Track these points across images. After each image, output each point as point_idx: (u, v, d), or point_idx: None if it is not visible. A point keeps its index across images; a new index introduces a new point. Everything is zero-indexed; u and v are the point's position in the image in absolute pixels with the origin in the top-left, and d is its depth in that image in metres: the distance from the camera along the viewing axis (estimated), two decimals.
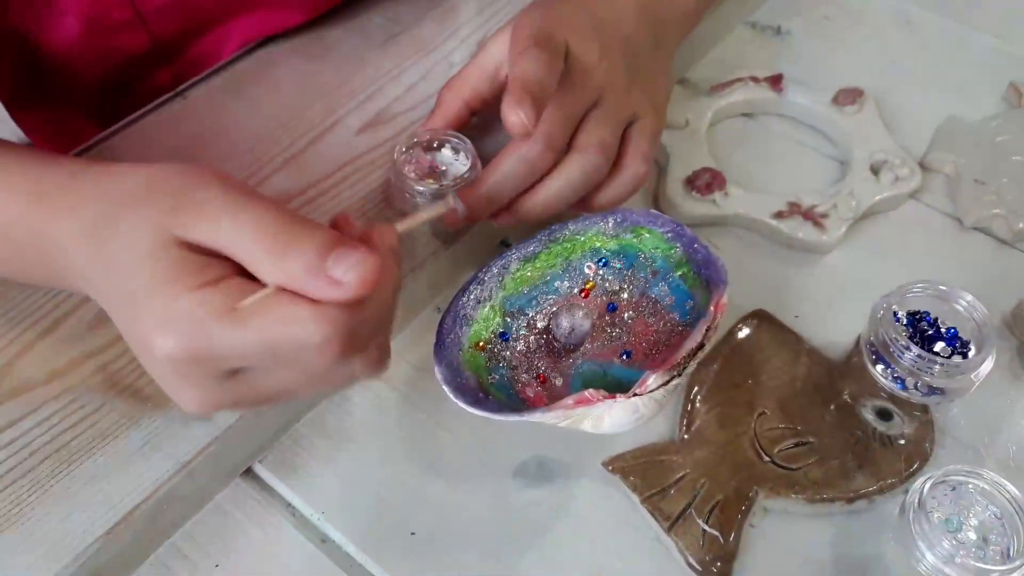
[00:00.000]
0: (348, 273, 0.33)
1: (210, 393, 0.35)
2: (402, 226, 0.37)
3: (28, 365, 0.45)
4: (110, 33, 0.59)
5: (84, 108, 0.57)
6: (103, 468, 0.42)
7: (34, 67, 0.61)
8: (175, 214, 0.35)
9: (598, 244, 0.49)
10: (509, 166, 0.47)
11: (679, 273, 0.47)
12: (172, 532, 0.44)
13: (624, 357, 0.47)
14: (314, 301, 0.33)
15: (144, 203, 0.36)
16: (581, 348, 0.47)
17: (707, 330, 0.41)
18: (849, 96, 0.61)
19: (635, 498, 0.44)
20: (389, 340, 0.38)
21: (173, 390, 0.36)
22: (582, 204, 0.50)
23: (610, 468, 0.45)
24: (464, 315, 0.47)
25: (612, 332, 0.48)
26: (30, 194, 0.40)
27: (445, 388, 0.42)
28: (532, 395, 0.46)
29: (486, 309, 0.47)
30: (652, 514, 0.44)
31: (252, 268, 0.34)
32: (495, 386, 0.45)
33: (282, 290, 0.34)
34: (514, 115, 0.43)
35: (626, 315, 0.48)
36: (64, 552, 0.40)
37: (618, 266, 0.48)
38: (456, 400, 0.42)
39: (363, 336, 0.35)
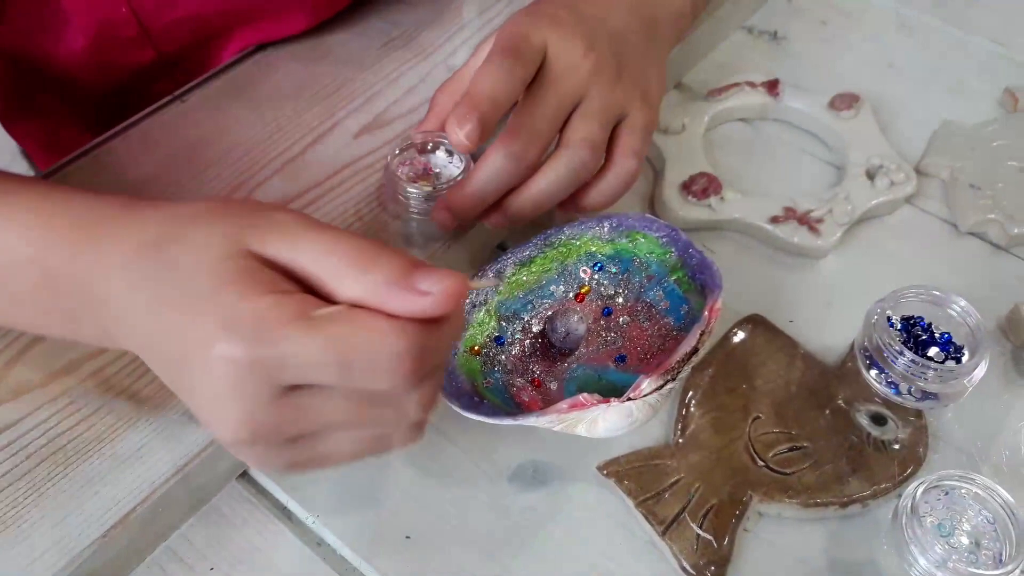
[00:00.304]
0: (435, 286, 0.32)
1: (257, 412, 0.33)
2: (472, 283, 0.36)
3: (25, 368, 0.45)
4: (116, 49, 0.59)
5: (82, 118, 0.57)
6: (100, 471, 0.42)
7: (32, 78, 0.61)
8: (251, 229, 0.34)
9: (593, 248, 0.49)
10: (495, 163, 0.47)
11: (674, 278, 0.47)
12: (168, 535, 0.44)
13: (619, 361, 0.47)
14: (391, 316, 0.33)
15: (216, 219, 0.35)
16: (576, 352, 0.47)
17: (701, 334, 0.41)
18: (845, 101, 0.61)
19: (629, 502, 0.44)
20: (440, 387, 0.37)
21: (217, 406, 0.33)
22: (573, 202, 0.50)
23: (605, 472, 0.45)
24: None
25: (607, 336, 0.48)
26: (74, 223, 0.38)
27: (440, 393, 0.42)
28: (527, 399, 0.46)
29: (481, 313, 0.47)
30: (646, 518, 0.44)
31: (329, 284, 0.33)
32: (490, 390, 0.45)
33: (356, 307, 0.33)
34: (454, 134, 0.44)
35: (621, 319, 0.48)
36: (60, 555, 0.40)
37: (613, 271, 0.49)
38: (451, 404, 0.42)
39: (430, 362, 0.34)
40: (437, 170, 0.52)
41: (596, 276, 0.49)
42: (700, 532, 0.43)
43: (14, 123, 0.66)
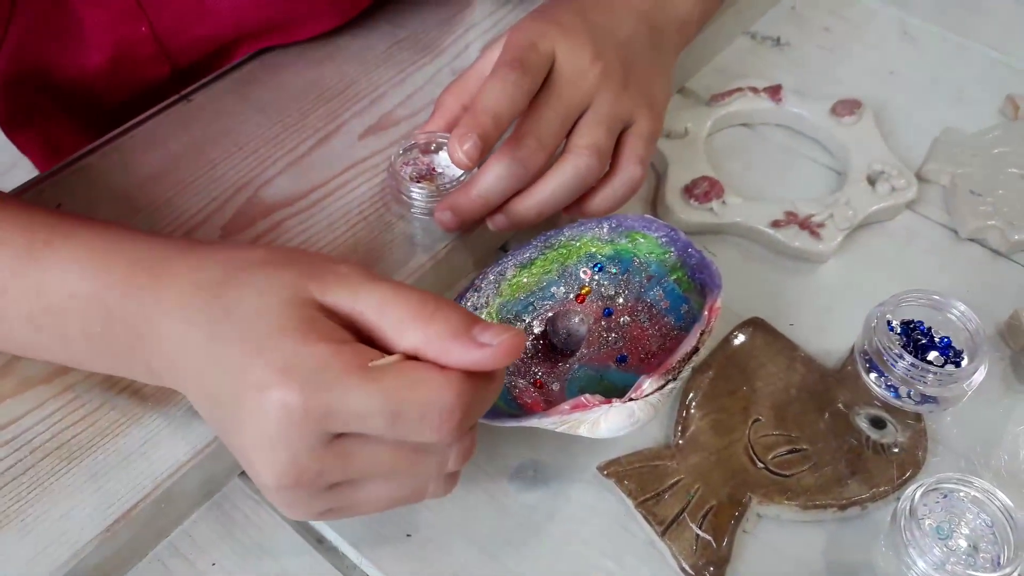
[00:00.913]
0: (495, 339, 0.34)
1: (303, 457, 0.34)
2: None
3: (30, 363, 0.46)
4: (134, 65, 0.60)
5: (90, 128, 0.57)
6: (103, 466, 0.43)
7: (38, 90, 0.61)
8: (314, 277, 0.35)
9: (593, 249, 0.49)
10: (501, 167, 0.47)
11: (674, 278, 0.47)
12: (170, 531, 0.44)
13: (620, 362, 0.47)
14: (443, 369, 0.34)
15: (278, 267, 0.36)
16: (577, 353, 0.48)
17: (701, 334, 0.41)
18: (847, 107, 0.62)
19: (629, 503, 0.45)
20: (474, 447, 0.38)
21: (265, 449, 0.34)
22: (577, 207, 0.50)
23: (605, 473, 0.46)
24: None
25: (608, 337, 0.48)
26: (133, 263, 0.39)
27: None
28: (529, 401, 0.46)
29: (482, 316, 0.48)
30: (646, 519, 0.44)
31: (387, 334, 0.35)
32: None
33: (410, 359, 0.34)
34: (456, 152, 0.45)
35: (621, 320, 0.48)
36: (63, 549, 0.40)
37: (613, 271, 0.49)
38: None
39: (475, 417, 0.35)
40: (440, 170, 0.53)
41: (596, 277, 0.49)
42: (700, 533, 0.43)
43: (16, 132, 0.67)
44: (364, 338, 0.35)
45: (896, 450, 0.47)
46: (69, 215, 0.42)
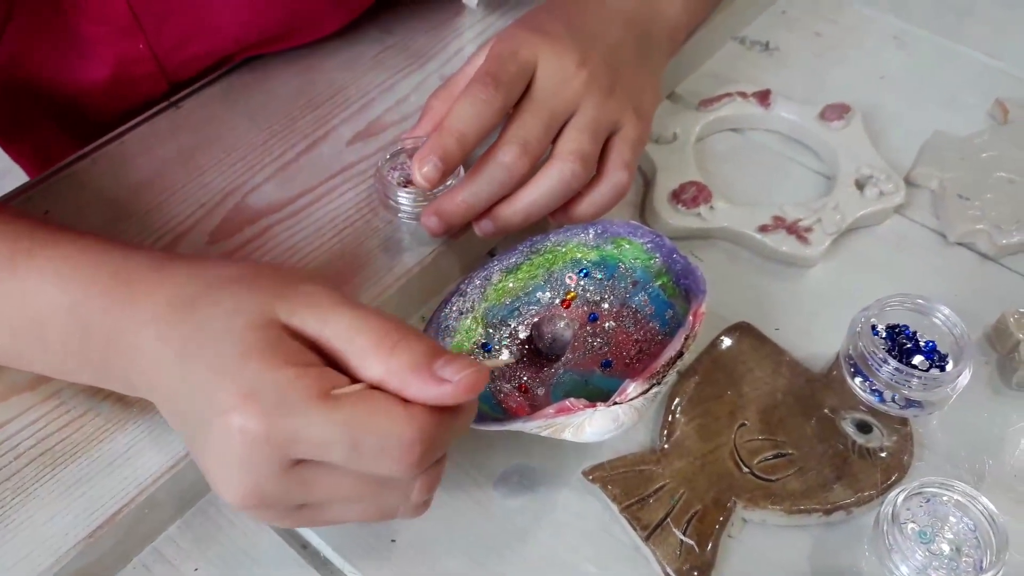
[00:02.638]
0: (456, 375, 0.34)
1: (264, 483, 0.34)
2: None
3: (15, 369, 0.46)
4: (131, 82, 0.60)
5: (87, 140, 0.57)
6: (87, 472, 0.43)
7: (34, 101, 0.61)
8: (282, 299, 0.35)
9: (579, 255, 0.49)
10: (485, 173, 0.48)
11: (659, 283, 0.48)
12: (154, 536, 0.44)
13: (605, 367, 0.47)
14: (407, 402, 0.34)
15: (248, 284, 0.37)
16: (562, 358, 0.48)
17: (686, 339, 0.41)
18: (836, 112, 0.62)
19: (614, 507, 0.45)
20: (442, 473, 0.38)
21: (228, 471, 0.34)
22: (564, 213, 0.50)
23: (590, 478, 0.46)
24: (446, 327, 0.47)
25: (593, 342, 0.48)
26: (111, 276, 0.39)
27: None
28: (514, 405, 0.46)
29: (468, 320, 0.48)
30: (630, 523, 0.44)
31: (352, 362, 0.35)
32: (478, 396, 0.46)
33: (374, 388, 0.34)
34: (416, 174, 0.45)
35: (607, 325, 0.48)
36: (46, 555, 0.40)
37: (599, 277, 0.49)
38: None
39: (437, 452, 0.35)
40: None
41: (582, 282, 0.49)
42: (683, 538, 0.43)
43: (10, 142, 0.67)
44: (330, 361, 0.35)
45: (883, 454, 0.46)
46: (52, 226, 0.42)
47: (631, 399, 0.40)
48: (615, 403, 0.40)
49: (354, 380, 0.34)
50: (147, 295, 0.38)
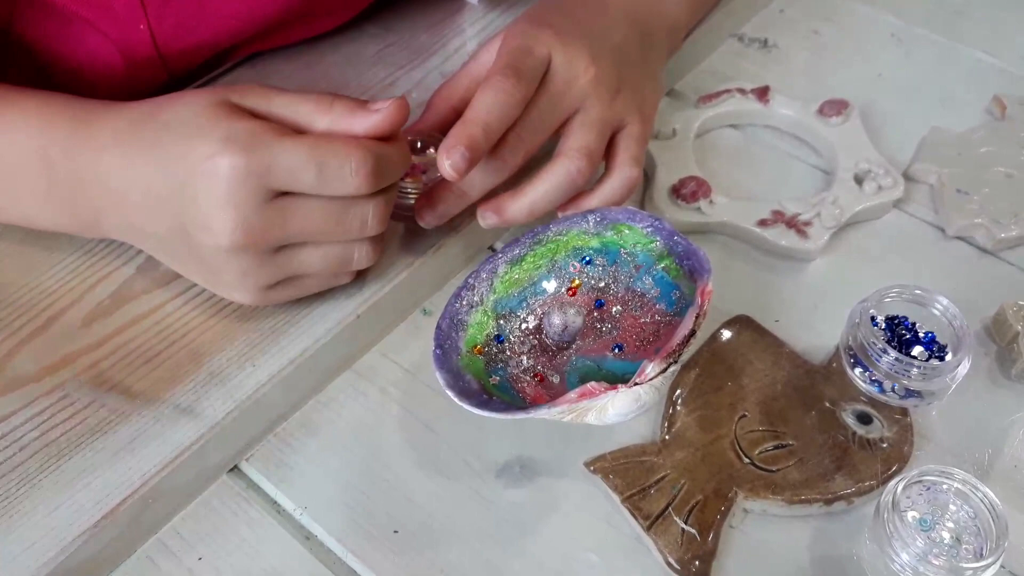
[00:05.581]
0: (382, 105, 0.43)
1: (250, 215, 0.41)
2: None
3: (21, 361, 0.46)
4: (134, 67, 0.60)
5: None
6: (91, 463, 0.43)
7: (41, 84, 0.62)
8: (230, 91, 0.44)
9: (580, 243, 0.50)
10: (479, 166, 0.48)
11: (662, 266, 0.48)
12: (158, 528, 0.44)
13: (616, 350, 0.48)
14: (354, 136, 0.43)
15: (196, 92, 0.44)
16: (574, 345, 0.48)
17: (697, 316, 0.42)
18: (834, 107, 0.62)
19: (616, 498, 0.45)
20: (391, 208, 0.47)
21: (217, 210, 0.41)
22: (575, 208, 0.51)
23: (592, 468, 0.46)
24: (459, 320, 0.47)
25: (602, 328, 0.48)
26: (72, 117, 0.45)
27: (449, 393, 0.43)
28: (532, 394, 0.46)
29: (478, 313, 0.48)
30: (632, 513, 0.44)
31: (302, 124, 0.43)
32: (497, 387, 0.46)
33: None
34: (443, 164, 0.46)
35: (614, 310, 0.49)
36: (50, 545, 0.41)
37: (602, 263, 0.49)
38: (461, 404, 0.42)
39: (384, 174, 0.43)
40: (428, 169, 0.53)
41: (585, 270, 0.50)
42: (685, 527, 0.44)
43: None
44: None
45: (884, 445, 0.47)
46: (12, 87, 0.47)
47: (651, 379, 0.41)
48: (636, 383, 0.41)
49: None
50: (104, 124, 0.44)
